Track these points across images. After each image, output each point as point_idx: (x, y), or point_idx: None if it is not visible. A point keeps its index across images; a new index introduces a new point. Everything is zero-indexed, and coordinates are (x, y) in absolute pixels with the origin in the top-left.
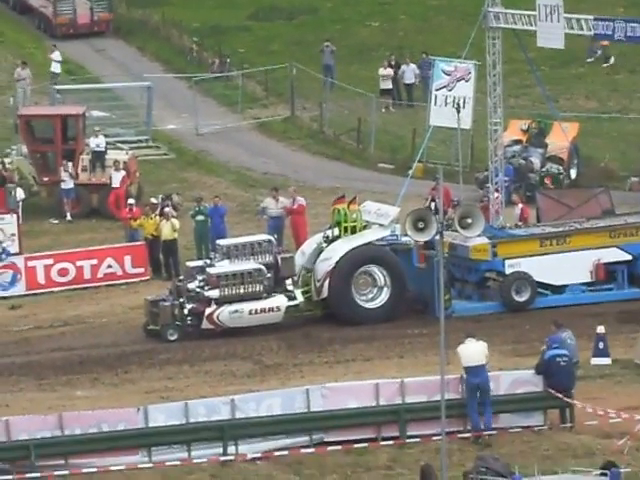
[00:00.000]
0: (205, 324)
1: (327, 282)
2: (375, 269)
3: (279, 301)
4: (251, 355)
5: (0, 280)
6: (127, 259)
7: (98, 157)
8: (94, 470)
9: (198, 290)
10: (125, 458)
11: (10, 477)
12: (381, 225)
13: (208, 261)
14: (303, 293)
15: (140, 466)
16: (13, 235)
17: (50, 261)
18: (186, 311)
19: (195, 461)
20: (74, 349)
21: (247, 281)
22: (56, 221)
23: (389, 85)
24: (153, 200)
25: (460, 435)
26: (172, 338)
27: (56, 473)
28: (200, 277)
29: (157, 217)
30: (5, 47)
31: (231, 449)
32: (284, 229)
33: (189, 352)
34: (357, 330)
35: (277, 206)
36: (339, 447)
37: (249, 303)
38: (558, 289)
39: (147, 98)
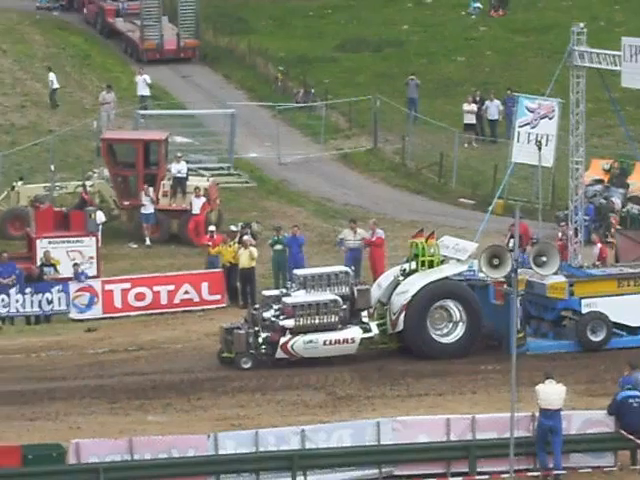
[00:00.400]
0: (279, 353)
1: (403, 315)
2: (451, 304)
3: (354, 333)
4: (324, 386)
5: (77, 302)
6: (204, 286)
7: (179, 183)
8: None
9: (273, 319)
10: None
11: None
12: (459, 260)
13: (284, 290)
14: (378, 326)
15: None
16: (92, 258)
17: (128, 285)
18: (261, 340)
19: None
20: (147, 374)
21: (322, 312)
22: (135, 245)
23: (472, 120)
24: (232, 228)
25: (529, 473)
26: (246, 366)
27: None
28: (276, 306)
29: (236, 245)
30: (91, 70)
31: (300, 479)
32: (362, 261)
33: (262, 381)
34: (431, 364)
35: (355, 238)
36: None
37: (324, 334)
38: (634, 330)
39: (230, 125)
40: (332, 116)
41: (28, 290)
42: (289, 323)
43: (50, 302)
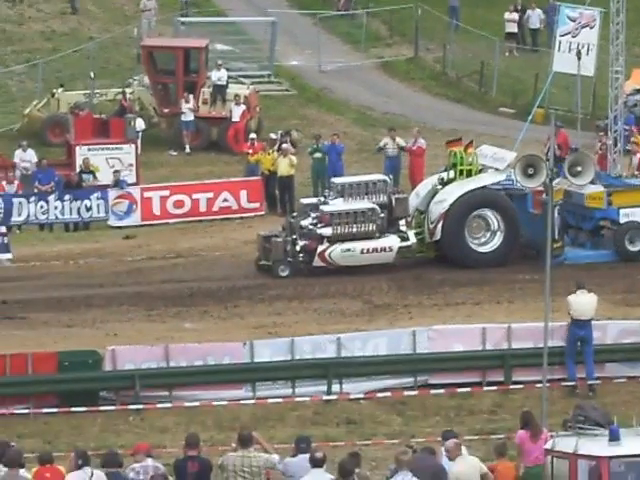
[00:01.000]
0: (317, 261)
1: (440, 224)
2: (489, 213)
3: (391, 241)
4: (361, 294)
5: (116, 210)
6: (243, 194)
7: (219, 91)
8: (197, 404)
9: (311, 227)
10: (229, 392)
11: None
12: (497, 169)
13: (322, 199)
14: (416, 234)
15: (244, 401)
16: (131, 165)
17: (166, 192)
18: (298, 248)
19: (298, 398)
20: (185, 281)
21: (360, 220)
22: (175, 153)
23: (514, 29)
24: (272, 136)
25: (564, 383)
26: (283, 274)
27: (159, 405)
28: (314, 214)
29: (275, 153)
30: None
31: (335, 387)
32: (400, 169)
33: (299, 289)
34: (468, 273)
35: (394, 146)
36: (443, 390)
37: (361, 242)
38: None
39: (271, 33)
40: (373, 24)
41: (67, 197)
42: (327, 231)
43: (89, 209)
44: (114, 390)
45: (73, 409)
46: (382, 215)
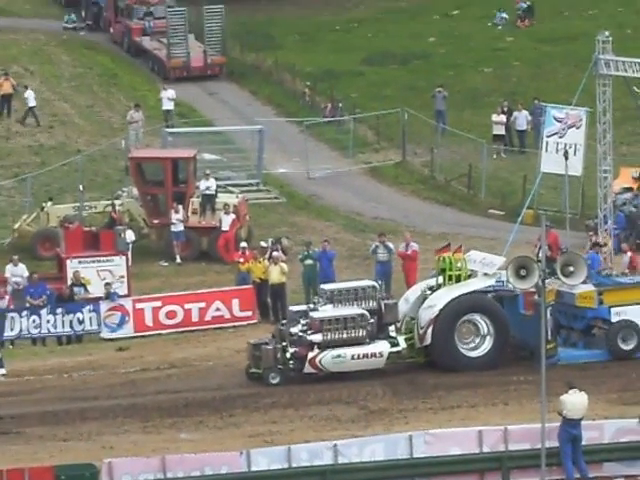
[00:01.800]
0: (307, 368)
1: (430, 329)
2: (478, 318)
3: (382, 347)
4: (356, 400)
5: (108, 322)
6: (235, 302)
7: (208, 200)
8: None
9: (301, 334)
10: None
11: None
12: (486, 274)
13: (312, 305)
14: (406, 340)
15: None
16: (122, 277)
17: (158, 303)
18: (288, 355)
19: None
20: (180, 392)
21: (350, 326)
22: (166, 263)
23: (502, 131)
24: (262, 244)
25: None
26: (274, 382)
27: None
28: (303, 321)
29: (266, 261)
30: (119, 89)
31: None
32: (392, 274)
33: (294, 396)
34: (462, 376)
35: (385, 251)
36: None
37: (352, 348)
38: None
39: (258, 141)
40: (360, 130)
41: (59, 310)
42: (317, 338)
43: (81, 322)
44: None
45: None
46: (372, 321)
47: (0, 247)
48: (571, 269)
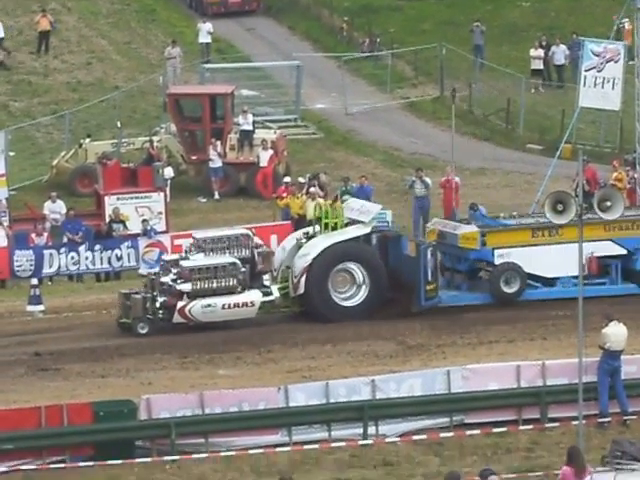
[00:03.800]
0: (177, 318)
1: (304, 278)
2: (354, 266)
3: (254, 296)
4: (394, 336)
5: (146, 258)
6: (273, 238)
7: (246, 136)
8: (233, 452)
9: (171, 283)
10: (265, 438)
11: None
12: (362, 222)
13: (183, 254)
14: (280, 289)
15: (280, 446)
16: (160, 213)
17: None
18: (158, 304)
19: (334, 442)
20: (218, 328)
21: (221, 275)
22: (204, 199)
23: (539, 66)
24: (300, 179)
25: (600, 420)
26: (143, 332)
27: (194, 456)
28: (174, 270)
29: (303, 196)
30: (156, 26)
31: (371, 430)
32: (430, 209)
33: (332, 332)
34: (501, 311)
35: (422, 186)
36: (479, 430)
37: (222, 297)
38: (549, 281)
39: (296, 77)
40: (398, 65)
41: (97, 247)
42: (186, 287)
43: (119, 258)
44: (150, 439)
45: (109, 461)
46: (243, 269)
47: (38, 184)
48: (608, 204)
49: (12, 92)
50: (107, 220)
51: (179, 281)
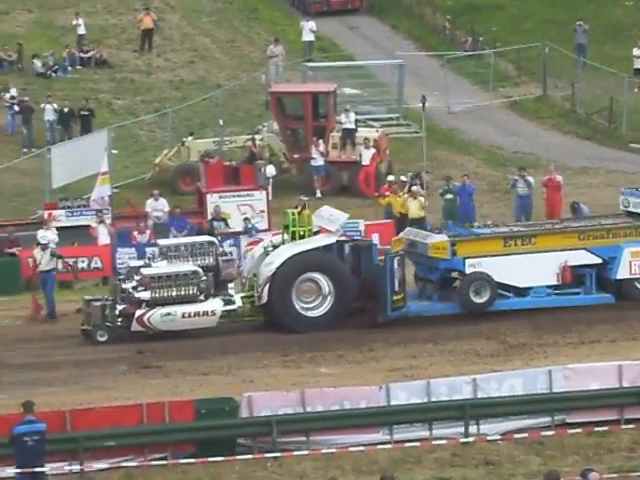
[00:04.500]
0: (135, 326)
1: (267, 287)
2: (319, 276)
3: (214, 305)
4: (496, 335)
5: (248, 256)
6: (375, 237)
7: (349, 134)
8: (333, 450)
9: (130, 291)
10: (366, 436)
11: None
12: (330, 231)
13: (147, 261)
14: (245, 298)
15: (381, 445)
16: (262, 212)
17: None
18: (117, 312)
19: (436, 440)
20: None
21: (181, 283)
22: (306, 198)
23: None
24: (402, 178)
25: None
26: (102, 339)
27: (295, 453)
28: (137, 277)
29: (405, 195)
30: (259, 24)
31: (472, 429)
32: (532, 208)
33: (434, 330)
34: (603, 311)
35: (525, 185)
36: (580, 429)
37: (182, 306)
38: (521, 291)
39: (399, 76)
40: (500, 64)
41: None
42: (145, 295)
43: None
44: (251, 437)
45: (210, 458)
46: (204, 278)
47: (141, 181)
48: None
49: (115, 90)
50: (209, 218)
51: (139, 289)
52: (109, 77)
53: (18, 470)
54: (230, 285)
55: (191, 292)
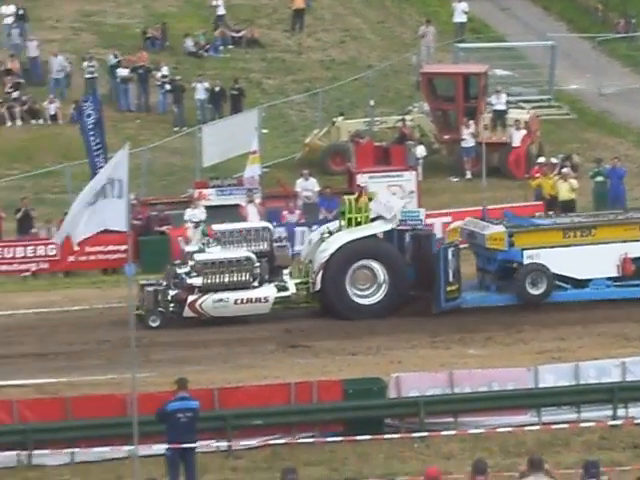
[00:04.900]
0: (187, 312)
1: (321, 274)
2: (374, 264)
3: (268, 292)
4: None
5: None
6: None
7: (499, 116)
8: (481, 431)
9: (183, 276)
10: (514, 418)
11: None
12: (384, 218)
13: (201, 246)
14: (297, 284)
15: (529, 427)
16: (412, 192)
17: (448, 219)
18: (169, 297)
19: (584, 423)
20: (469, 309)
21: (234, 269)
22: (456, 179)
23: None
24: (553, 160)
25: None
26: (154, 324)
27: (442, 433)
28: (191, 262)
29: (555, 177)
30: (410, 5)
31: (621, 412)
32: None
33: (583, 313)
34: None
35: None
36: None
37: (235, 292)
38: (580, 283)
39: (550, 57)
40: None
41: None
42: (197, 281)
43: None
44: (399, 417)
45: (358, 437)
46: (258, 264)
47: (291, 161)
48: None
49: (266, 70)
50: None
51: (192, 274)
52: (260, 57)
53: (169, 446)
54: (285, 271)
55: (244, 278)
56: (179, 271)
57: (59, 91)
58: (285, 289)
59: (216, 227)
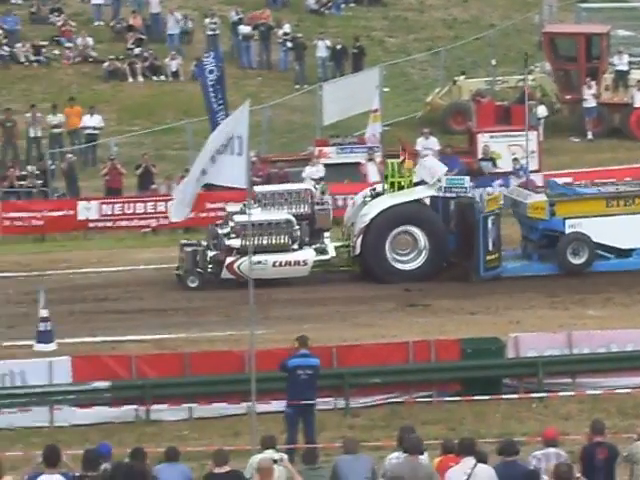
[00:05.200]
0: (225, 273)
1: (360, 239)
2: (415, 229)
3: (307, 255)
4: None
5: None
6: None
7: (621, 76)
8: (599, 392)
9: (223, 238)
10: (632, 379)
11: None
12: (426, 183)
13: (242, 207)
14: (343, 247)
15: None
16: (533, 152)
17: (569, 180)
18: (208, 258)
19: None
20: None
21: (273, 232)
22: (577, 139)
23: None
24: None
25: None
26: (192, 285)
27: (560, 394)
28: (231, 224)
29: None
30: None
31: None
32: None
33: None
34: None
35: None
36: None
37: (274, 255)
38: (623, 253)
39: None
40: None
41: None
42: (235, 242)
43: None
44: (517, 377)
45: (475, 397)
46: (297, 227)
47: (412, 120)
48: None
49: (388, 28)
50: (478, 158)
51: (231, 236)
52: (382, 15)
53: (289, 403)
54: (326, 234)
55: (283, 241)
56: (220, 232)
57: (175, 48)
58: (325, 252)
59: (257, 189)
